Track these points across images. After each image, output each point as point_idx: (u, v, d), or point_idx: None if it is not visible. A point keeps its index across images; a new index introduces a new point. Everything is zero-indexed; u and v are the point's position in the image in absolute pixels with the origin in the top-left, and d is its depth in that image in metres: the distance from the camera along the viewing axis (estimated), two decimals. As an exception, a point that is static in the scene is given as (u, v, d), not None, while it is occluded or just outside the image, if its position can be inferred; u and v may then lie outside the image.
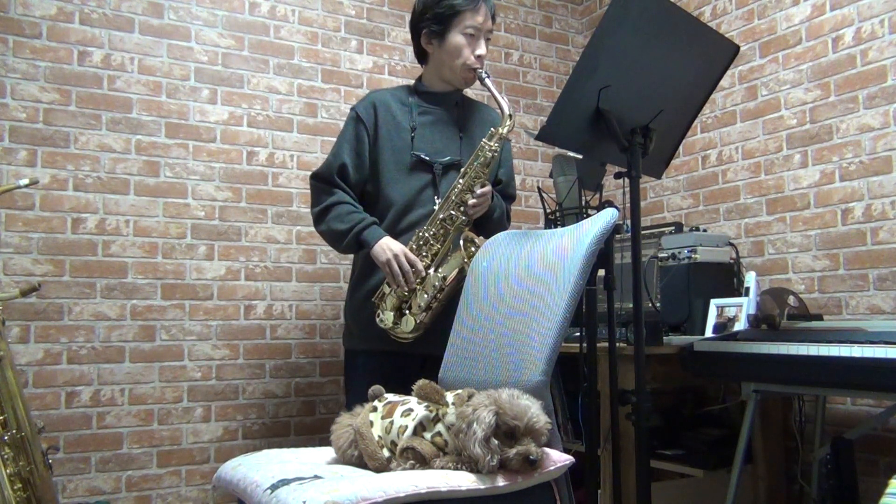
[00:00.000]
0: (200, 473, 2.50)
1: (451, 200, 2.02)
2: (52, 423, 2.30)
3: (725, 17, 2.79)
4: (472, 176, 2.01)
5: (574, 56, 3.42)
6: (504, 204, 2.23)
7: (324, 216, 2.09)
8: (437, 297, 2.00)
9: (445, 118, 2.16)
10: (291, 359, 2.68)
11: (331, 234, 2.09)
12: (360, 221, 2.03)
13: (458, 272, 1.97)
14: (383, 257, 1.98)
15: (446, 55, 2.09)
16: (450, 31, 2.06)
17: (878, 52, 2.29)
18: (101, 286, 2.41)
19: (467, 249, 1.97)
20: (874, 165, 2.29)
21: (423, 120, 2.13)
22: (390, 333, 2.02)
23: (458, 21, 2.05)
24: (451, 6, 2.05)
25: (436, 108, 2.16)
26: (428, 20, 2.08)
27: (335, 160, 2.11)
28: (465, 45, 2.06)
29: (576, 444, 2.41)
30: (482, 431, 1.25)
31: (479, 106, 2.27)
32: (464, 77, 2.11)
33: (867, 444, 2.24)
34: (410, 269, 1.98)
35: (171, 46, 2.57)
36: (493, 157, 2.02)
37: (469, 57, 2.07)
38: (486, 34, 2.11)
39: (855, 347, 1.67)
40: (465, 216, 2.02)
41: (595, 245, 1.50)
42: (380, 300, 2.04)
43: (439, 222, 2.02)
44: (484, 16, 2.07)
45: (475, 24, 2.06)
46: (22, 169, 2.32)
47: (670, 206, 2.99)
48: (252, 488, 1.33)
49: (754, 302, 2.33)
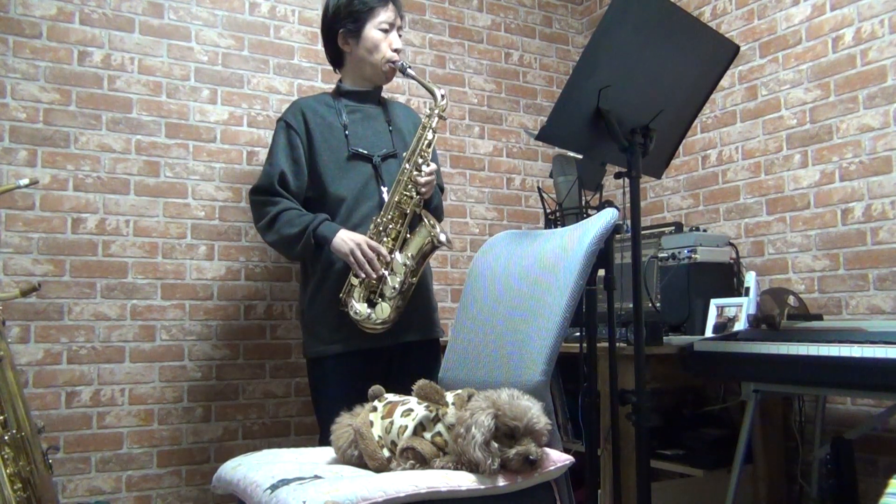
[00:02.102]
0: (200, 473, 2.50)
1: (401, 182, 2.07)
2: (52, 423, 2.30)
3: (725, 17, 2.79)
4: (418, 156, 2.08)
5: (574, 56, 3.42)
6: (440, 194, 2.31)
7: (272, 225, 2.06)
8: (408, 277, 2.02)
9: (374, 114, 2.23)
10: (291, 359, 2.68)
11: (282, 241, 2.06)
12: (312, 220, 2.04)
13: (428, 244, 2.04)
14: (346, 248, 1.98)
15: (365, 51, 2.16)
16: (365, 28, 2.15)
17: (878, 52, 2.29)
18: (101, 286, 2.41)
19: (429, 221, 2.05)
20: (874, 165, 2.29)
21: (353, 118, 2.19)
22: (363, 325, 2.01)
23: (372, 17, 2.14)
24: (364, 3, 2.14)
25: (363, 104, 2.23)
26: (343, 20, 2.15)
27: (273, 170, 2.10)
28: (381, 40, 2.16)
29: (576, 444, 2.42)
30: (481, 435, 1.25)
31: (398, 104, 2.37)
32: (384, 71, 2.19)
33: (867, 444, 2.24)
34: (375, 255, 1.99)
35: (171, 46, 2.57)
36: (433, 137, 2.10)
37: (387, 50, 2.16)
38: (398, 30, 2.20)
39: (855, 347, 1.67)
40: (419, 195, 2.07)
41: (595, 245, 1.50)
42: (348, 294, 2.02)
43: (394, 206, 2.06)
44: (394, 12, 2.18)
45: (388, 20, 2.16)
46: (22, 169, 2.32)
47: (670, 206, 2.99)
48: (252, 488, 1.33)
49: (754, 302, 2.33)
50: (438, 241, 2.02)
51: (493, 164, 3.19)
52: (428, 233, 2.03)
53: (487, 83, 3.20)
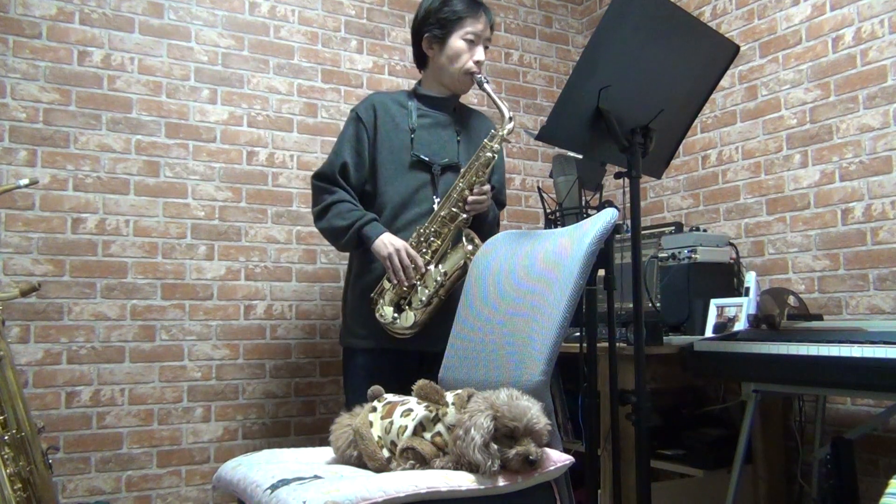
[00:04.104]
0: (200, 473, 2.50)
1: (451, 198, 2.05)
2: (52, 423, 2.30)
3: (725, 17, 2.79)
4: (473, 175, 2.04)
5: (574, 56, 3.42)
6: (496, 209, 2.27)
7: (325, 214, 2.11)
8: (437, 292, 2.02)
9: (444, 122, 2.20)
10: (291, 359, 2.68)
11: (331, 231, 2.11)
12: (360, 217, 2.06)
13: (461, 266, 2.00)
14: (384, 252, 2.00)
15: (446, 59, 2.14)
16: (451, 36, 2.13)
17: (878, 52, 2.29)
18: (101, 286, 2.41)
19: (470, 243, 2.01)
20: (874, 165, 2.29)
21: (422, 122, 2.17)
22: (388, 329, 2.03)
23: (459, 26, 2.12)
24: (454, 11, 2.12)
25: (434, 111, 2.20)
26: (431, 25, 2.14)
27: (337, 159, 2.14)
28: (464, 50, 2.13)
29: (576, 444, 2.42)
30: (480, 437, 1.25)
31: (474, 113, 2.32)
32: (462, 81, 2.17)
33: (867, 444, 2.24)
34: (411, 264, 2.00)
35: (171, 46, 2.57)
36: (493, 158, 2.05)
37: (468, 61, 2.13)
38: (485, 42, 2.18)
39: (855, 347, 1.67)
40: (466, 213, 2.05)
41: (595, 245, 1.50)
42: (379, 295, 2.05)
43: (440, 219, 2.05)
44: (484, 24, 2.15)
45: (475, 31, 2.13)
46: (22, 169, 2.32)
47: (670, 206, 2.99)
48: (252, 488, 1.33)
49: (754, 302, 2.33)
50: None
51: (493, 164, 3.19)
52: (464, 254, 2.00)
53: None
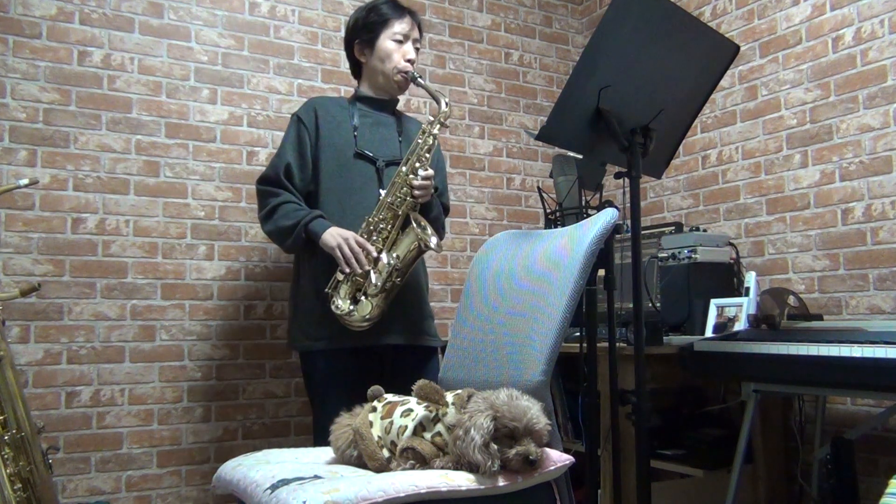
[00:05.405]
0: (200, 473, 2.50)
1: (396, 184, 2.08)
2: (52, 423, 2.30)
3: (725, 17, 2.79)
4: (416, 160, 2.09)
5: (574, 56, 3.41)
6: (440, 207, 2.30)
7: (271, 216, 2.12)
8: (392, 276, 2.03)
9: (385, 121, 2.26)
10: (291, 359, 2.68)
11: (278, 232, 2.11)
12: (306, 215, 2.07)
13: (415, 248, 2.03)
14: (333, 243, 2.01)
15: (378, 60, 2.21)
16: (379, 38, 2.20)
17: (878, 52, 2.29)
18: (101, 286, 2.41)
19: (419, 226, 2.04)
20: (874, 165, 2.29)
21: (364, 121, 2.22)
22: (346, 321, 2.01)
23: (386, 27, 2.18)
24: (379, 14, 2.20)
25: (375, 112, 2.26)
26: (359, 31, 2.21)
27: (280, 161, 2.16)
28: (394, 50, 2.20)
29: (576, 444, 2.42)
30: (480, 437, 1.25)
31: (414, 120, 2.37)
32: (397, 81, 2.22)
33: (867, 444, 2.24)
34: (361, 251, 2.00)
35: (171, 46, 2.57)
36: (434, 143, 2.11)
37: (399, 60, 2.20)
38: (415, 43, 2.24)
39: (855, 347, 1.67)
40: (412, 198, 2.07)
41: (595, 245, 1.50)
42: (333, 290, 2.04)
43: (387, 206, 2.07)
44: (410, 24, 2.22)
45: (402, 31, 2.19)
46: (22, 169, 2.32)
47: (670, 206, 2.99)
48: (252, 488, 1.33)
49: (754, 302, 2.33)
50: (426, 245, 2.01)
51: (493, 164, 3.19)
52: (416, 236, 2.02)
53: (487, 83, 3.20)
